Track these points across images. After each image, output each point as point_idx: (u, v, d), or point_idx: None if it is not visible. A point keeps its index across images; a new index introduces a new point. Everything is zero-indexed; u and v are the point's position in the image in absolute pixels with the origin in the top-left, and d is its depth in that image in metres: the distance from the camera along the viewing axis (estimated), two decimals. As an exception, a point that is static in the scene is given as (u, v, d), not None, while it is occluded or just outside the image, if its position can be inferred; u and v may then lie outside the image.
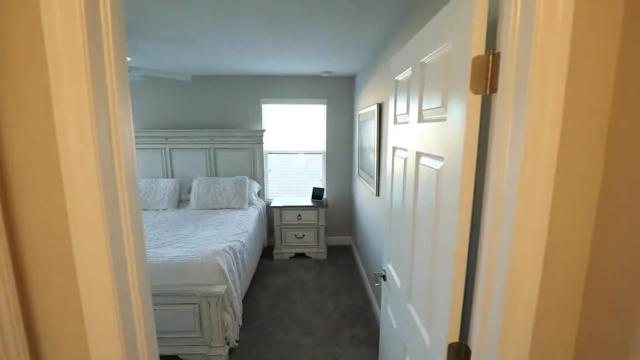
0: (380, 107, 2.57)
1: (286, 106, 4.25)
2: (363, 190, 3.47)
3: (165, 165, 4.20)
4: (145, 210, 3.72)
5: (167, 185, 3.89)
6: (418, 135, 1.10)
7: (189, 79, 2.69)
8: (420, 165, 1.09)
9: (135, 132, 4.07)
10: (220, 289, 2.18)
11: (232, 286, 2.34)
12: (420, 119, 1.09)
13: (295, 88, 4.19)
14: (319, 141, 4.36)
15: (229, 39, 2.45)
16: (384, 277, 1.63)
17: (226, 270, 2.33)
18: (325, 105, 4.24)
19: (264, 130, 4.13)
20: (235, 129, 4.23)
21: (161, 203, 3.77)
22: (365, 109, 3.12)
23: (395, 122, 1.45)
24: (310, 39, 2.48)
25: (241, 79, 4.16)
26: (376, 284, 1.62)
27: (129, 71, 2.50)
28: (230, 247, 2.58)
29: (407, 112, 1.25)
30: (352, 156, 4.36)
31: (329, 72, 3.83)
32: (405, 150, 1.27)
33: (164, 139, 4.13)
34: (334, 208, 4.48)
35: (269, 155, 4.37)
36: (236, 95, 4.21)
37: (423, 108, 1.07)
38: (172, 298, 2.17)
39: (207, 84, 4.17)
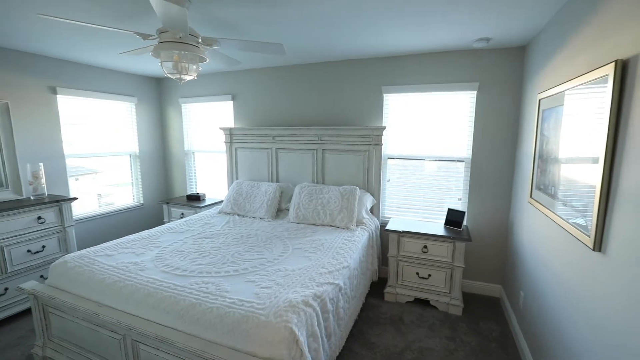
0: (624, 68, 1.24)
1: (416, 95, 3.16)
2: (543, 225, 2.07)
3: (270, 167, 3.74)
4: (242, 216, 3.29)
5: (267, 190, 3.38)
6: None
7: (283, 52, 1.98)
8: None
9: (244, 129, 3.72)
10: (285, 377, 1.32)
11: (310, 364, 1.47)
12: None
13: (430, 70, 3.05)
14: (460, 143, 3.09)
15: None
16: None
17: (303, 338, 1.47)
18: (474, 92, 2.95)
19: (384, 128, 3.16)
20: (348, 125, 3.41)
21: (259, 210, 3.27)
22: (563, 84, 1.76)
23: None
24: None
25: (357, 64, 3.31)
26: None
27: (213, 44, 1.95)
28: (318, 297, 1.72)
29: None
30: (514, 167, 2.91)
31: (486, 39, 2.56)
32: None
33: (271, 138, 3.67)
34: (478, 241, 3.12)
35: (388, 160, 3.37)
36: (351, 83, 3.38)
37: None
38: (222, 367, 1.45)
39: (315, 72, 3.49)
